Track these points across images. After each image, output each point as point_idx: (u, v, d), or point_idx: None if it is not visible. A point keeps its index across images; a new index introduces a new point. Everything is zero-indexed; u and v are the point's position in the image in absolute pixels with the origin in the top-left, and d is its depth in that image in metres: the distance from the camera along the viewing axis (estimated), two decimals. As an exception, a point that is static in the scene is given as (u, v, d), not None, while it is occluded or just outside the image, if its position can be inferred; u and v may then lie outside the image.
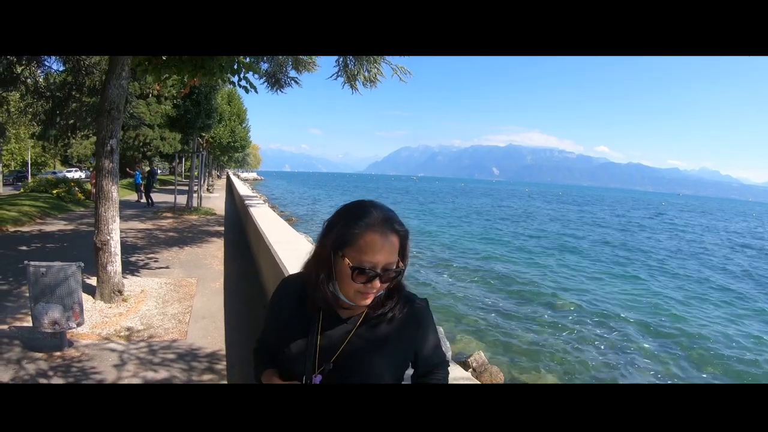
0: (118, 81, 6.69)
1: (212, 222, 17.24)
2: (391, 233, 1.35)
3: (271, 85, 15.41)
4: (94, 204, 7.03)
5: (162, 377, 4.62)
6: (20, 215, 16.01)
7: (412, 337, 1.50)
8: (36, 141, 42.24)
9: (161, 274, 8.80)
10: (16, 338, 5.43)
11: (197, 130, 21.34)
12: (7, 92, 18.68)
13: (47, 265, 5.00)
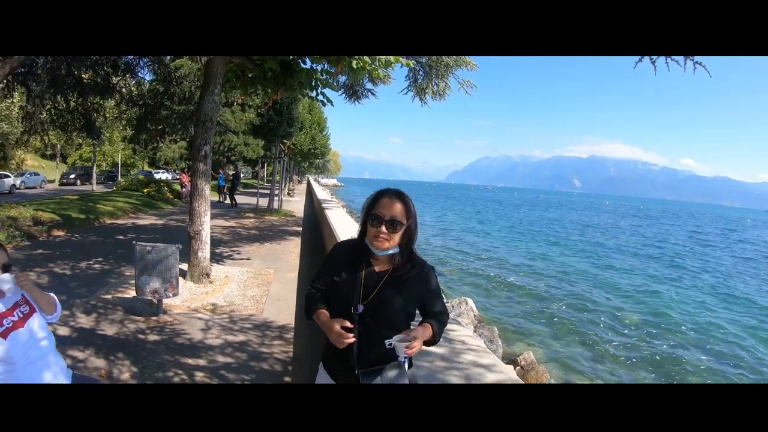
0: (211, 97, 7.83)
1: (291, 223, 18.40)
2: (397, 199, 2.21)
3: (348, 97, 16.37)
4: (189, 200, 8.24)
5: (240, 340, 5.60)
6: (115, 210, 18.39)
7: (420, 290, 2.29)
8: (127, 144, 45.30)
9: (243, 264, 9.95)
10: (118, 305, 6.70)
11: (279, 137, 22.57)
12: (104, 100, 20.45)
13: (152, 245, 6.18)
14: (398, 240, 2.21)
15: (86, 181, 42.24)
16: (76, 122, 19.45)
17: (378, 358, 2.25)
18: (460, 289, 15.67)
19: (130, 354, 5.10)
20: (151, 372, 4.64)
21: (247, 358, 5.11)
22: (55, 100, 18.48)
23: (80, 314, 6.15)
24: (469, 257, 23.01)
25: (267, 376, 4.72)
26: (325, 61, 7.61)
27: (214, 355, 5.14)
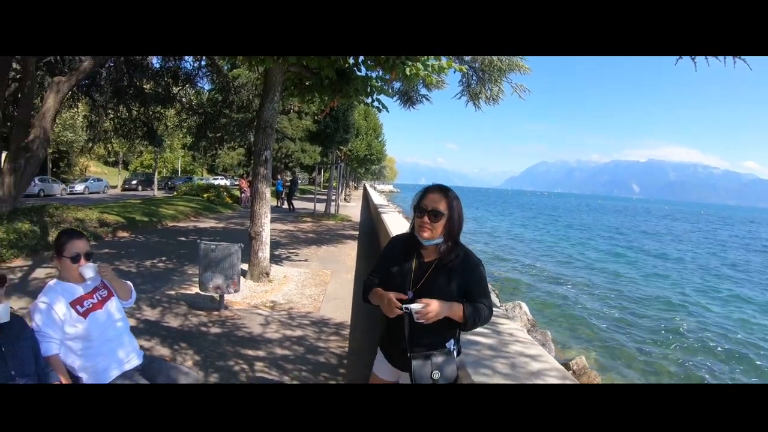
0: (271, 104, 8.18)
1: (348, 227, 18.74)
2: (439, 192, 2.46)
3: (403, 103, 16.60)
4: (249, 203, 8.62)
5: (298, 335, 5.85)
6: (177, 213, 19.34)
7: (464, 277, 2.48)
8: (186, 151, 46.85)
9: (301, 265, 10.28)
10: (182, 300, 7.13)
11: (336, 143, 22.97)
12: (165, 109, 21.29)
13: (216, 244, 6.56)
14: (441, 230, 2.43)
15: (147, 187, 44.10)
16: (138, 130, 20.34)
17: (429, 342, 2.48)
18: (514, 293, 15.61)
19: (193, 344, 5.43)
20: (212, 361, 4.93)
21: (305, 352, 5.33)
22: (118, 110, 19.44)
23: (146, 308, 6.58)
24: (523, 263, 22.80)
25: (323, 368, 4.92)
26: (379, 68, 7.84)
27: (272, 348, 5.39)
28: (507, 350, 3.11)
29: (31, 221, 11.43)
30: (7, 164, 12.00)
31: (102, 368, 2.82)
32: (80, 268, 2.80)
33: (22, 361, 2.30)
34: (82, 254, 2.81)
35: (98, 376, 2.81)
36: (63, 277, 2.86)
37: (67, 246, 2.81)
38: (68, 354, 2.76)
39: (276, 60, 7.46)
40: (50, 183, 34.14)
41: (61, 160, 48.73)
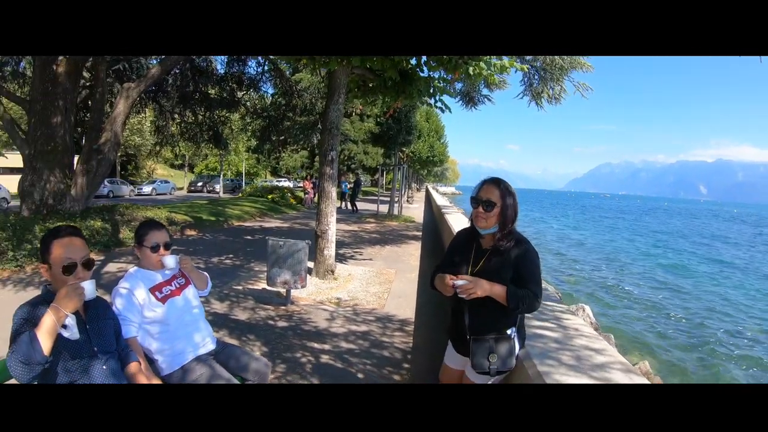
0: (336, 105, 8.35)
1: (411, 228, 18.78)
2: (492, 184, 2.65)
3: (465, 103, 16.55)
4: (313, 204, 8.83)
5: (363, 330, 5.96)
6: (242, 213, 20.14)
7: (516, 263, 2.62)
8: (251, 154, 48.12)
9: (365, 264, 10.42)
10: (249, 295, 7.40)
11: (398, 145, 23.13)
12: (230, 113, 21.99)
13: (284, 241, 6.77)
14: (495, 220, 2.62)
15: (212, 188, 45.61)
16: (204, 134, 21.08)
17: (486, 327, 2.66)
18: (577, 296, 15.29)
19: (260, 336, 5.63)
20: (280, 352, 5.10)
21: (369, 346, 5.43)
22: (184, 114, 20.23)
23: (214, 301, 6.87)
24: (586, 265, 22.30)
25: (387, 362, 4.99)
26: (442, 68, 7.88)
27: (338, 342, 5.52)
28: (572, 343, 3.12)
29: (102, 219, 12.11)
30: (79, 166, 12.72)
31: (178, 351, 2.98)
32: (163, 259, 2.99)
33: (105, 340, 2.42)
34: (161, 244, 3.00)
35: (174, 359, 2.97)
36: (143, 265, 3.05)
37: (148, 236, 3.00)
38: (145, 337, 2.93)
39: (340, 62, 7.61)
40: (119, 185, 36.28)
41: (129, 163, 51.49)
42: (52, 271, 2.28)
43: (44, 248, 2.29)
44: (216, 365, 3.01)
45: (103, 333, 2.42)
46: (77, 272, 2.27)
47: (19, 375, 1.95)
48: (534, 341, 3.07)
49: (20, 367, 1.93)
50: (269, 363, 3.27)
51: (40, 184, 12.22)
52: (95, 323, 2.42)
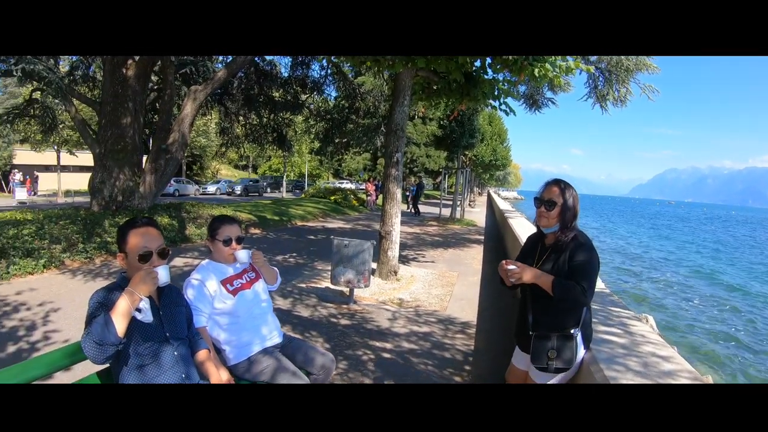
0: (401, 108, 8.43)
1: (473, 232, 18.65)
2: (553, 184, 2.78)
3: (529, 106, 16.37)
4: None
5: (424, 331, 6.00)
6: (305, 214, 20.59)
7: (571, 259, 2.68)
8: (313, 156, 49.00)
9: (427, 266, 10.45)
10: (312, 293, 7.58)
11: (461, 148, 23.00)
12: (294, 115, 22.44)
13: (349, 240, 6.90)
14: (556, 218, 2.73)
15: (275, 189, 46.73)
16: (268, 136, 21.61)
17: (549, 324, 2.73)
18: (640, 306, 14.81)
19: (323, 333, 5.77)
20: (342, 349, 5.20)
21: (431, 347, 5.46)
22: (249, 117, 20.79)
23: (278, 298, 7.09)
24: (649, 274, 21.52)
25: (449, 363, 5.01)
26: (506, 69, 7.82)
27: (399, 342, 5.57)
28: (639, 350, 3.07)
29: (169, 216, 12.65)
30: (148, 165, 13.34)
31: (245, 343, 3.08)
32: (236, 253, 3.11)
33: (177, 326, 2.51)
34: (233, 238, 3.11)
35: (241, 350, 3.07)
36: (215, 258, 3.18)
37: (221, 230, 3.12)
38: (214, 327, 3.05)
39: (405, 64, 7.67)
40: (184, 184, 38.04)
41: (194, 163, 53.46)
42: (128, 260, 2.37)
43: (121, 238, 2.39)
44: (282, 358, 3.10)
45: (176, 319, 2.51)
46: (152, 260, 2.35)
47: (93, 356, 2.05)
48: (600, 346, 3.04)
49: (94, 348, 2.02)
50: (335, 359, 3.34)
51: (109, 181, 12.89)
52: (168, 309, 2.51)
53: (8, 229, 9.32)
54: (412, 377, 4.64)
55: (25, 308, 6.64)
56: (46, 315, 6.35)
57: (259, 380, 3.01)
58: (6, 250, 8.52)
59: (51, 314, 6.38)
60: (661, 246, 36.89)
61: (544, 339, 2.70)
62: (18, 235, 9.19)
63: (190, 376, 2.48)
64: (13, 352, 5.07)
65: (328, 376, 3.28)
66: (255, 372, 3.01)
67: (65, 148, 32.59)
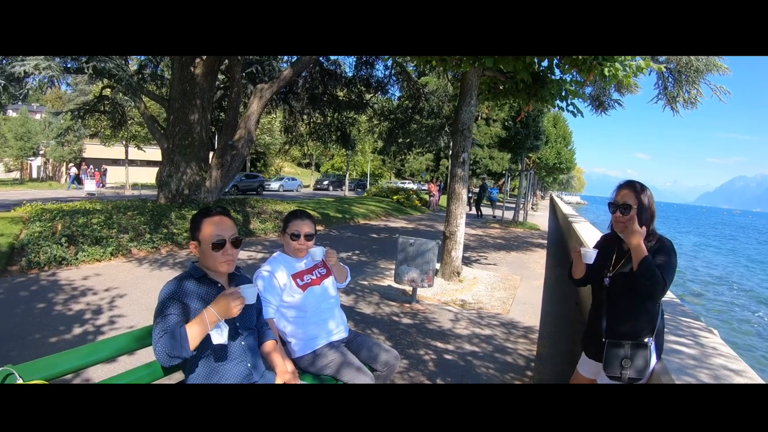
0: (468, 107, 8.37)
1: (536, 236, 18.30)
2: (627, 187, 2.69)
3: (595, 108, 15.99)
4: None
5: (486, 333, 5.94)
6: (368, 212, 20.87)
7: (653, 254, 2.58)
8: (376, 155, 49.34)
9: (490, 268, 10.34)
10: (375, 291, 7.65)
11: (525, 150, 22.61)
12: (358, 114, 22.60)
13: (414, 239, 6.90)
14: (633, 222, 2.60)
15: (337, 187, 47.34)
16: (332, 134, 21.86)
17: (624, 331, 2.66)
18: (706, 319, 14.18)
19: (384, 330, 5.81)
20: (403, 348, 5.22)
21: (492, 350, 5.40)
22: (313, 115, 21.07)
23: (341, 294, 7.07)
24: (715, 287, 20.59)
25: (510, 368, 4.94)
26: (575, 69, 7.66)
27: (461, 343, 5.54)
28: (709, 362, 2.97)
29: (234, 210, 12.94)
30: (215, 160, 13.74)
31: (311, 336, 3.12)
32: (310, 249, 3.17)
33: (247, 316, 2.53)
34: (302, 234, 3.15)
35: (307, 343, 3.11)
36: (286, 251, 3.25)
37: (291, 224, 3.18)
38: (281, 319, 3.10)
39: (472, 63, 7.62)
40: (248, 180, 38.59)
41: (258, 160, 54.88)
42: (201, 248, 2.42)
43: (194, 226, 2.44)
44: (347, 352, 3.12)
45: (245, 310, 2.48)
46: (226, 249, 2.39)
47: (163, 361, 2.13)
48: (670, 356, 2.96)
49: (165, 357, 2.10)
50: (399, 356, 3.34)
51: (177, 175, 13.37)
52: None
53: (78, 218, 9.80)
54: (472, 379, 4.60)
55: (92, 293, 6.97)
56: (111, 300, 6.65)
57: (323, 374, 3.04)
58: (75, 237, 8.99)
59: (117, 300, 6.68)
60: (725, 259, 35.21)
61: (618, 347, 2.62)
62: (87, 223, 9.67)
63: (256, 365, 2.53)
64: (79, 334, 5.34)
65: (392, 372, 3.29)
66: (319, 365, 3.05)
67: (133, 143, 34.10)
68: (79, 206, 11.26)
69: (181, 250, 10.42)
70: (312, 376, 3.06)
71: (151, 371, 2.45)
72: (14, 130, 38.00)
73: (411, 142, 23.83)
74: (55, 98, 63.28)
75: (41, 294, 6.82)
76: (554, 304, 7.74)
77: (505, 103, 10.09)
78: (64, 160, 40.34)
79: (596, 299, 2.85)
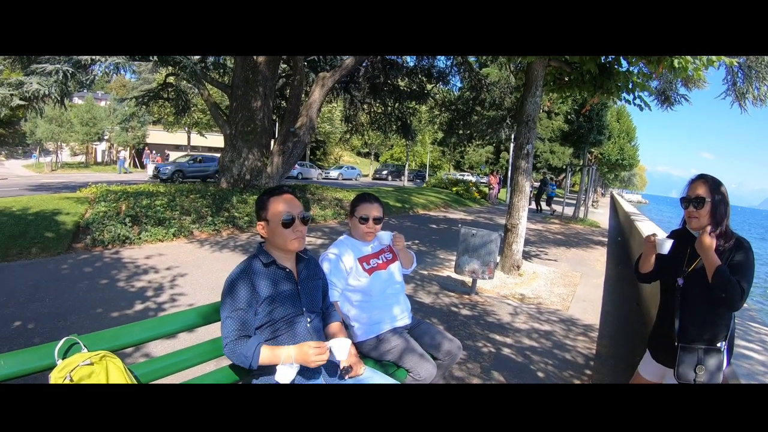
0: (533, 98, 8.21)
1: (596, 233, 17.87)
2: (700, 180, 2.57)
3: (661, 103, 15.43)
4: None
5: (545, 329, 5.85)
6: (427, 203, 20.93)
7: (730, 260, 2.45)
8: (435, 147, 49.18)
9: (549, 264, 10.16)
10: (434, 281, 7.62)
11: (588, 144, 22.07)
12: (419, 104, 22.47)
13: (476, 230, 6.84)
14: (707, 218, 2.53)
15: (396, 177, 47.40)
16: (392, 124, 21.83)
17: (698, 335, 2.53)
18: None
19: (443, 321, 5.79)
20: (461, 339, 5.14)
21: (551, 346, 5.32)
22: (373, 105, 21.08)
23: (400, 283, 7.16)
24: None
25: (569, 365, 4.86)
26: (643, 61, 7.41)
27: (520, 337, 5.47)
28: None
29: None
30: (276, 146, 13.97)
31: (375, 321, 3.10)
32: (378, 234, 3.16)
33: (313, 299, 2.51)
34: (371, 217, 3.13)
35: (370, 328, 3.09)
36: (353, 235, 3.24)
37: (359, 208, 3.16)
38: (345, 303, 3.09)
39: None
40: (308, 168, 39.83)
41: (318, 148, 55.69)
42: (270, 227, 2.37)
43: (261, 206, 2.39)
44: (410, 339, 3.09)
45: (313, 292, 2.50)
46: (295, 226, 2.37)
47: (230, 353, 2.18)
48: (740, 360, 2.87)
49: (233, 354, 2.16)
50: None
51: (239, 160, 13.67)
52: (306, 282, 2.50)
53: (142, 200, 10.17)
54: (529, 374, 4.55)
55: (154, 271, 7.21)
56: (173, 279, 6.86)
57: (385, 359, 3.03)
58: (139, 217, 9.34)
59: (178, 278, 6.88)
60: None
61: (691, 351, 2.49)
62: (150, 205, 10.02)
63: None
64: (140, 309, 5.54)
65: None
66: (382, 350, 3.03)
67: (195, 129, 35.01)
68: (143, 188, 11.65)
69: (241, 234, 10.66)
70: (374, 361, 3.04)
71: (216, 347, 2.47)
72: (80, 115, 39.68)
73: (471, 133, 23.54)
74: (119, 86, 66.09)
75: (104, 270, 7.11)
76: (615, 304, 7.54)
77: (570, 95, 9.85)
78: (128, 145, 41.96)
79: (667, 300, 2.72)
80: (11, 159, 45.89)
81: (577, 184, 43.87)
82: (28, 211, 9.19)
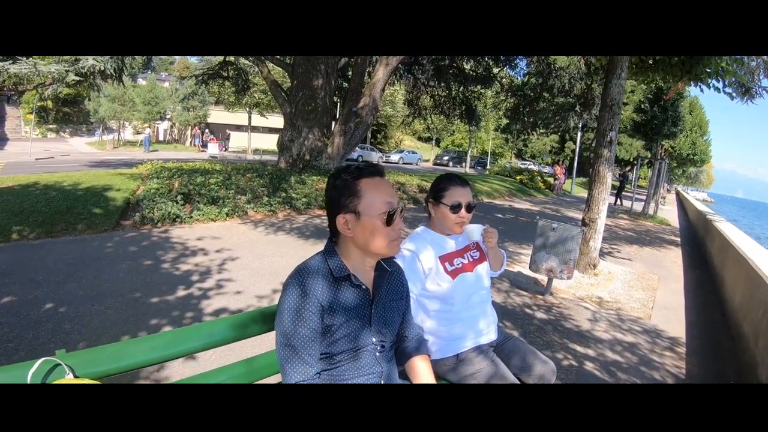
0: (618, 81, 7.45)
1: (668, 231, 16.86)
2: None
3: (741, 95, 14.35)
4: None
5: (629, 341, 5.18)
6: (491, 191, 20.36)
7: None
8: (498, 134, 48.37)
9: (624, 264, 9.38)
10: (504, 277, 6.99)
11: (662, 137, 20.74)
12: (484, 89, 21.70)
13: (557, 223, 6.16)
14: None
15: (457, 164, 46.84)
16: (457, 108, 21.19)
17: None
18: None
19: (517, 325, 5.20)
20: (538, 347, 4.50)
21: (638, 362, 4.67)
22: (437, 87, 20.45)
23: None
24: None
25: (662, 386, 4.19)
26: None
27: (602, 349, 4.84)
28: None
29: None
30: (338, 127, 13.62)
31: (457, 336, 2.44)
32: (467, 227, 2.47)
33: (389, 323, 1.85)
34: (464, 205, 2.43)
35: (450, 344, 2.44)
36: (433, 226, 2.55)
37: (449, 191, 2.45)
38: (419, 312, 2.43)
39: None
40: (368, 151, 39.75)
41: (378, 132, 55.62)
42: (361, 222, 1.67)
43: (348, 191, 1.68)
44: (499, 362, 2.41)
45: (389, 315, 1.85)
46: (395, 224, 1.71)
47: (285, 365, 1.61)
48: None
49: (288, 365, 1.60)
50: (555, 369, 2.59)
51: (298, 140, 13.35)
52: (383, 305, 1.84)
53: (196, 177, 9.92)
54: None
55: (202, 253, 6.86)
56: (222, 263, 6.48)
57: (465, 383, 2.37)
58: (192, 196, 9.05)
59: (227, 262, 6.50)
60: None
61: None
62: (205, 183, 9.76)
63: (391, 376, 1.87)
64: (182, 296, 5.13)
65: None
66: (463, 374, 2.38)
67: (256, 110, 35.60)
68: (199, 166, 11.44)
69: (298, 216, 10.31)
70: (451, 385, 2.42)
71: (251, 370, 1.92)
72: (142, 95, 41.19)
73: (536, 121, 22.54)
74: (183, 68, 67.95)
75: (150, 250, 6.81)
76: (698, 313, 6.76)
77: (653, 80, 9.01)
78: (189, 125, 42.91)
79: None
80: (75, 137, 48.19)
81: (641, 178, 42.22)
82: (78, 186, 9.09)
